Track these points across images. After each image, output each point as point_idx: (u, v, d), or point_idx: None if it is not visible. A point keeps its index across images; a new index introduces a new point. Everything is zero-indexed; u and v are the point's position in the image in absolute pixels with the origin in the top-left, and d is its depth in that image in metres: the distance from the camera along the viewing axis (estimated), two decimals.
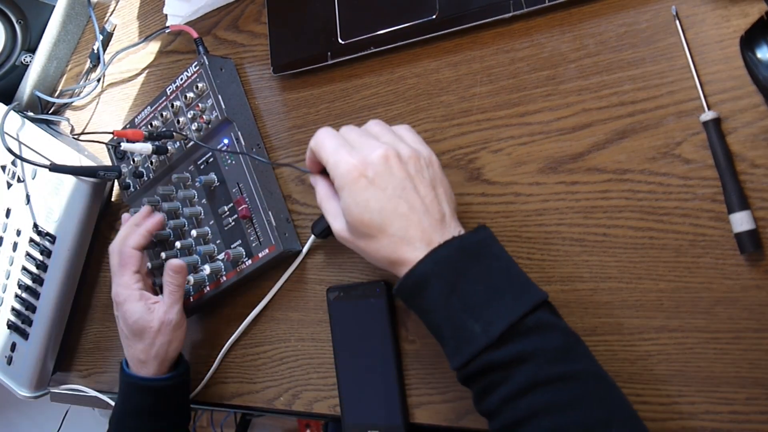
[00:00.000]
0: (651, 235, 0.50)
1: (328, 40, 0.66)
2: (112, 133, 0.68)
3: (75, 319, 0.90)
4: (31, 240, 0.85)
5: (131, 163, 0.77)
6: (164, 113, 0.72)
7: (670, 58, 0.50)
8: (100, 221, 0.86)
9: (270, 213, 0.65)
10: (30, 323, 0.86)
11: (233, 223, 0.68)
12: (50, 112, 0.96)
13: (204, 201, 0.70)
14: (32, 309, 0.85)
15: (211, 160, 0.69)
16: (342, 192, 0.48)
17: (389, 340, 0.60)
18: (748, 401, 0.46)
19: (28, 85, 0.94)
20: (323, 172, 0.53)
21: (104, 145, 0.81)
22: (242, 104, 0.71)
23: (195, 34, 0.73)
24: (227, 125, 0.68)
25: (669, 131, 0.50)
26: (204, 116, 0.68)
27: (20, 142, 0.83)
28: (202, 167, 0.70)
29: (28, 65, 0.94)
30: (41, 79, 0.94)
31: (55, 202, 0.82)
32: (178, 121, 0.70)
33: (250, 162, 0.66)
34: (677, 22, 0.50)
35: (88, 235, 0.85)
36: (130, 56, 0.88)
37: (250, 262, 0.67)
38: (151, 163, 0.75)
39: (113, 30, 0.91)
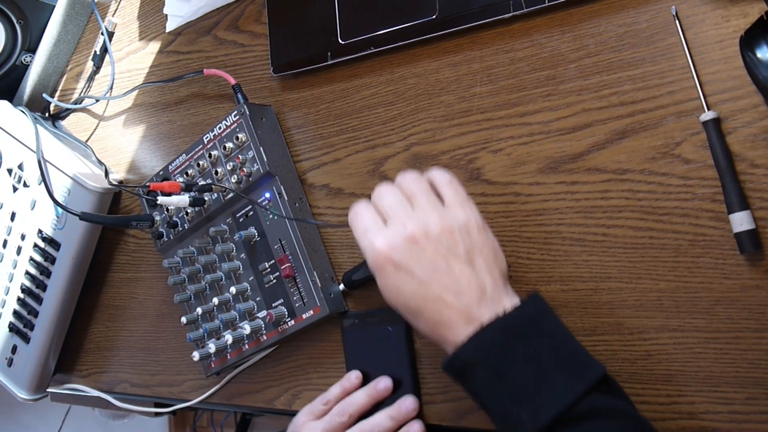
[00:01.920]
0: (651, 235, 0.50)
1: (328, 40, 0.66)
2: (148, 186, 0.66)
3: (78, 319, 0.90)
4: (36, 245, 0.84)
5: (165, 211, 0.74)
6: (201, 162, 0.69)
7: (670, 58, 0.50)
8: (106, 227, 0.86)
9: (315, 273, 0.63)
10: (32, 327, 0.86)
11: (275, 281, 0.65)
12: (53, 113, 0.96)
13: (243, 256, 0.67)
14: (34, 313, 0.85)
15: (251, 213, 0.66)
16: (375, 275, 0.46)
17: (407, 368, 0.59)
18: (748, 401, 0.46)
19: (28, 85, 0.94)
20: None
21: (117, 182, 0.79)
22: (284, 156, 0.68)
23: (232, 81, 0.70)
24: (269, 179, 0.65)
25: (669, 131, 0.50)
26: (245, 169, 0.65)
27: (44, 161, 0.81)
28: (240, 220, 0.67)
29: (28, 65, 0.94)
30: (41, 79, 0.94)
31: (61, 209, 0.82)
32: (216, 172, 0.67)
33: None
34: (677, 22, 0.50)
35: (92, 244, 0.84)
36: (131, 56, 0.88)
37: (293, 322, 0.64)
38: (187, 213, 0.72)
39: (114, 29, 0.91)
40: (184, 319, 0.70)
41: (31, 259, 0.85)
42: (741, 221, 0.46)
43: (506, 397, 0.42)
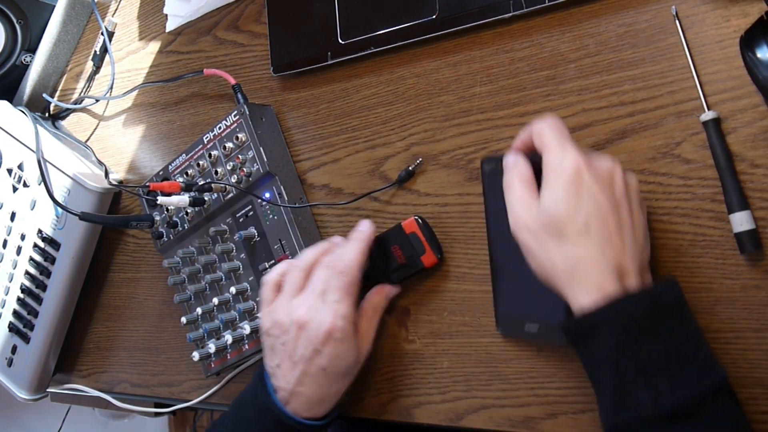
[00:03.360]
0: (651, 235, 0.50)
1: (328, 40, 0.66)
2: (148, 186, 0.66)
3: (78, 319, 0.90)
4: (35, 245, 0.84)
5: (165, 211, 0.74)
6: (201, 162, 0.69)
7: (670, 58, 0.50)
8: (106, 227, 0.86)
9: None
10: (32, 327, 0.86)
11: None
12: (53, 113, 0.96)
13: (243, 256, 0.67)
14: (34, 314, 0.85)
15: (251, 213, 0.66)
16: (554, 182, 0.43)
17: None
18: (748, 401, 0.46)
19: (28, 85, 0.94)
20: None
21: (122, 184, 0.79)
22: (284, 156, 0.68)
23: (232, 81, 0.70)
24: (269, 179, 0.65)
25: (669, 131, 0.50)
26: (245, 168, 0.65)
27: (44, 160, 0.80)
28: (240, 220, 0.67)
29: (28, 65, 0.94)
30: (41, 79, 0.94)
31: (61, 209, 0.82)
32: (216, 172, 0.68)
33: (293, 218, 0.64)
34: (677, 22, 0.50)
35: (92, 244, 0.84)
36: (131, 56, 0.88)
37: None
38: (187, 213, 0.72)
39: (114, 29, 0.91)
40: (184, 319, 0.70)
41: (31, 259, 0.85)
42: (741, 221, 0.46)
43: (630, 372, 0.40)
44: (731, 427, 0.40)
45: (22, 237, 0.86)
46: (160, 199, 0.66)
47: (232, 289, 0.66)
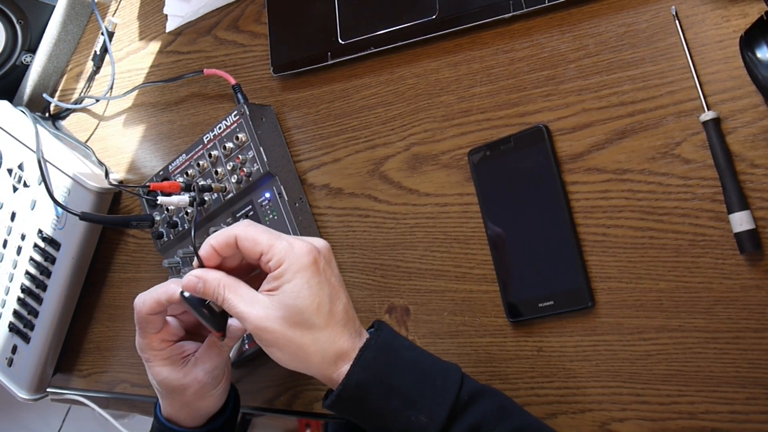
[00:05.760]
0: (651, 235, 0.50)
1: (328, 40, 0.66)
2: (148, 186, 0.66)
3: (78, 319, 0.90)
4: (36, 245, 0.84)
5: (165, 211, 0.74)
6: (201, 162, 0.69)
7: (670, 58, 0.50)
8: (106, 227, 0.86)
9: None
10: (32, 327, 0.86)
11: None
12: (53, 113, 0.96)
13: None
14: (34, 313, 0.85)
15: (251, 213, 0.67)
16: (296, 274, 0.44)
17: (556, 188, 0.53)
18: (748, 401, 0.46)
19: (28, 85, 0.94)
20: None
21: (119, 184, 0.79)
22: (284, 156, 0.68)
23: (233, 81, 0.70)
24: (269, 179, 0.65)
25: (669, 131, 0.50)
26: (245, 168, 0.65)
27: (44, 160, 0.80)
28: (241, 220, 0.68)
29: (28, 65, 0.94)
30: (42, 79, 0.94)
31: (61, 209, 0.82)
32: (216, 172, 0.68)
33: (293, 218, 0.64)
34: (677, 22, 0.50)
35: (92, 244, 0.84)
36: (131, 56, 0.88)
37: None
38: (187, 213, 0.72)
39: (114, 29, 0.91)
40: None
41: (31, 259, 0.85)
42: (741, 221, 0.46)
43: (404, 407, 0.44)
44: (490, 397, 0.46)
45: (23, 237, 0.86)
46: (160, 199, 0.66)
47: None
